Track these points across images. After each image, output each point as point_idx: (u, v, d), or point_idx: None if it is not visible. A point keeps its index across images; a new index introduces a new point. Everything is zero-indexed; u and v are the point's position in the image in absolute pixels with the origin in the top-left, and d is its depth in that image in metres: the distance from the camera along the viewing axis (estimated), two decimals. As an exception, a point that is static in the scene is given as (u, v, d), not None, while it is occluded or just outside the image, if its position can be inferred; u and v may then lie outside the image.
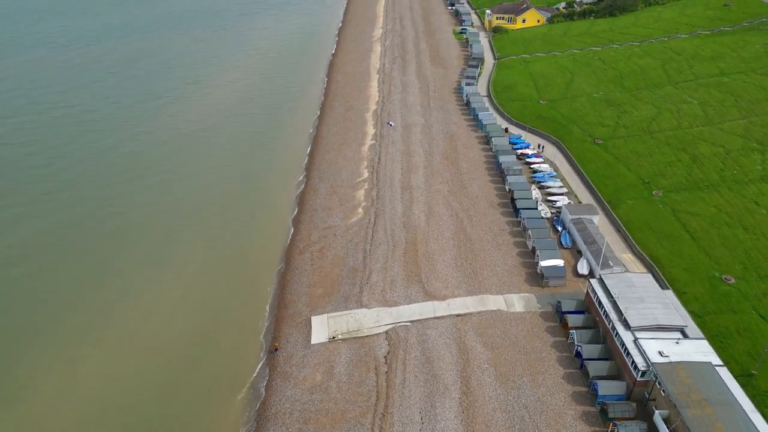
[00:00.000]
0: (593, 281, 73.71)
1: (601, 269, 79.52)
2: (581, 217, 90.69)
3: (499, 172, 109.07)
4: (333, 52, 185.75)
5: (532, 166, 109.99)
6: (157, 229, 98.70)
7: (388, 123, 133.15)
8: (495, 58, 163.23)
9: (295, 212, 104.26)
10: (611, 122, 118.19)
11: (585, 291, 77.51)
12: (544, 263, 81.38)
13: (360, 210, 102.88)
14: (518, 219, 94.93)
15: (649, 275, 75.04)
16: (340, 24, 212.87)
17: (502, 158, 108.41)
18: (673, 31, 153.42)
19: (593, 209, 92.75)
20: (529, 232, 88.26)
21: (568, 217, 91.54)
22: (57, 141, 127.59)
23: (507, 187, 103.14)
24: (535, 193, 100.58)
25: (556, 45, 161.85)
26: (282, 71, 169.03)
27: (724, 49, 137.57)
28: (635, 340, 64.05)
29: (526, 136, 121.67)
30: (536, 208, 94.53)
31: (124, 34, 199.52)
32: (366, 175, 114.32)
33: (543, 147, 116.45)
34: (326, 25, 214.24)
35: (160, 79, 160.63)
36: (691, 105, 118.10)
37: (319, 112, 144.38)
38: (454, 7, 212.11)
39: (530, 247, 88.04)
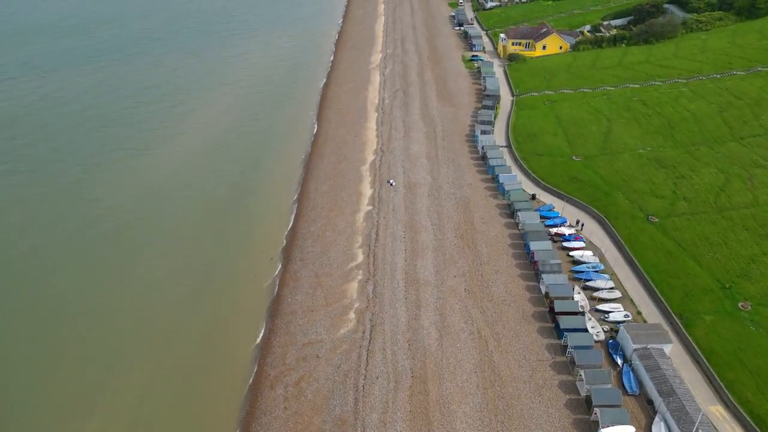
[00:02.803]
0: (691, 487, 50.22)
1: (690, 445, 56.18)
2: (649, 346, 67.18)
3: (529, 263, 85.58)
4: (325, 82, 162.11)
5: (571, 253, 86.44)
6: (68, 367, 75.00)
7: (389, 182, 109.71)
8: (513, 95, 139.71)
9: (267, 320, 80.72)
10: (667, 191, 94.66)
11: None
12: (607, 433, 57.90)
13: (352, 315, 79.41)
14: (562, 342, 71.37)
15: (773, 477, 51.51)
16: (334, 47, 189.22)
17: (534, 246, 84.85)
18: (725, 66, 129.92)
19: (663, 334, 69.14)
20: (581, 372, 64.71)
21: (629, 344, 67.98)
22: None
23: (543, 289, 79.64)
24: (580, 298, 77.06)
25: (584, 79, 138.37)
26: (265, 108, 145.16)
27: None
28: None
29: (560, 206, 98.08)
30: (585, 329, 71.03)
31: (85, 61, 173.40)
32: (360, 258, 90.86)
33: (582, 224, 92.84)
34: (319, 47, 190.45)
35: (120, 125, 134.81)
36: (766, 170, 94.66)
37: (306, 164, 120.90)
38: (462, 28, 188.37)
39: (582, 395, 64.51)
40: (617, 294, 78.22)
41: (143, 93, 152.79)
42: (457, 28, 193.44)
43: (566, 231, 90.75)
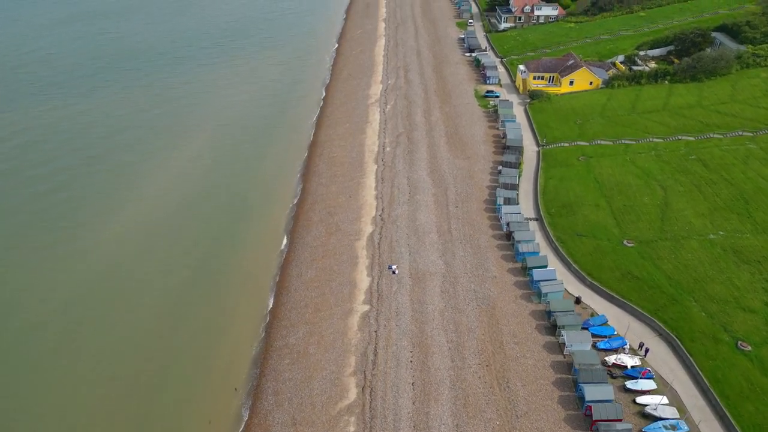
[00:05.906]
0: None
1: None
2: None
3: (584, 416, 62.65)
4: (316, 121, 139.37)
5: (639, 400, 63.54)
6: None
7: (390, 268, 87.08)
8: (538, 144, 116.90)
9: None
10: (757, 302, 71.86)
11: None
12: None
13: (339, 504, 56.59)
14: None
15: None
16: (328, 76, 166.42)
17: (589, 393, 61.90)
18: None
19: None
20: None
21: None
22: None
23: (607, 469, 56.79)
24: (663, 488, 54.25)
25: (624, 127, 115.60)
26: (243, 160, 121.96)
27: None
28: None
29: (614, 318, 75.16)
30: None
31: (39, 95, 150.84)
32: (353, 394, 68.20)
33: (647, 349, 69.90)
34: (310, 76, 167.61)
35: (57, 189, 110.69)
36: None
37: (288, 237, 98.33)
38: (473, 55, 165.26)
39: None
40: (714, 480, 55.47)
41: (98, 143, 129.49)
42: (468, 54, 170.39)
43: (628, 362, 67.81)
